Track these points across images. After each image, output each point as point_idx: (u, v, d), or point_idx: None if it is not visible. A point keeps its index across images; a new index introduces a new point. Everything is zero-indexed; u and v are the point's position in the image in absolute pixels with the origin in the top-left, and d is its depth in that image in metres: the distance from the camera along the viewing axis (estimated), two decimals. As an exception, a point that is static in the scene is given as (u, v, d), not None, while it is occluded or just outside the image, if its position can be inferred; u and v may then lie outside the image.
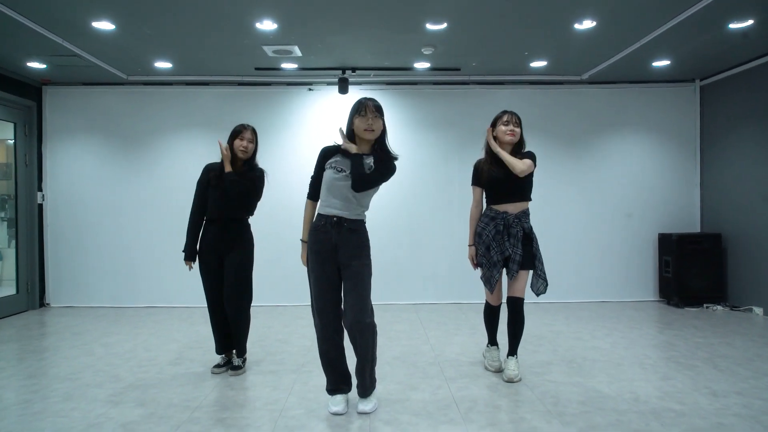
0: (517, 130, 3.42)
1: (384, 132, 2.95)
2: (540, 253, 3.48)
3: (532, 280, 3.48)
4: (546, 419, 2.82)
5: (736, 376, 3.50)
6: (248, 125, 3.68)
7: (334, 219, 2.85)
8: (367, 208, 2.97)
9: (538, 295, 3.48)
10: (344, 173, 2.85)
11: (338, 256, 2.86)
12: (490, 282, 3.47)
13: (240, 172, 3.59)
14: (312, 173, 3.05)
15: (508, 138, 3.41)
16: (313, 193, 3.03)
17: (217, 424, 2.80)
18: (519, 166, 3.34)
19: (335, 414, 2.89)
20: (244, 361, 3.71)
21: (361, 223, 2.92)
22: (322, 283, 2.89)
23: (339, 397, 2.96)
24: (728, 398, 3.10)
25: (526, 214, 3.46)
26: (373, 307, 2.93)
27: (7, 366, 3.89)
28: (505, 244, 3.39)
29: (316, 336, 2.98)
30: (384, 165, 2.88)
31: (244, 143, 3.58)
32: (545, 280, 3.47)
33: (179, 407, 3.03)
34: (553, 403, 3.05)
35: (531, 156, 3.46)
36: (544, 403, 3.05)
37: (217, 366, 3.68)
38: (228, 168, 3.54)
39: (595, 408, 2.97)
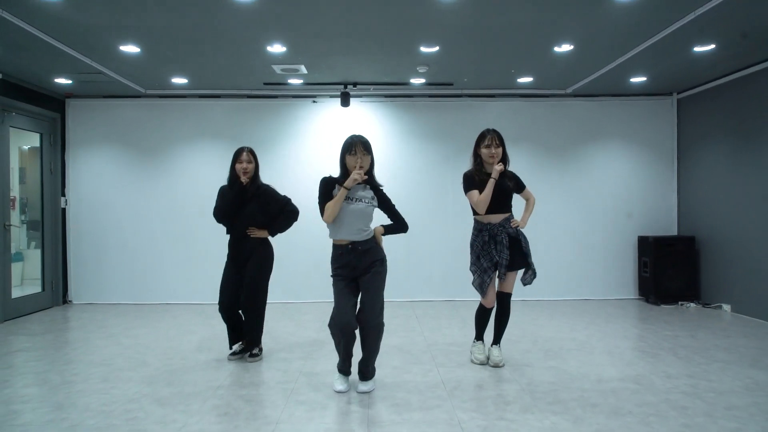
0: (499, 150, 3.79)
1: (372, 165, 3.39)
2: (529, 250, 3.87)
3: (522, 274, 3.87)
4: (519, 395, 3.29)
5: (690, 362, 3.98)
6: (245, 147, 4.07)
7: (349, 246, 3.28)
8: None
9: (525, 284, 3.88)
10: (359, 202, 3.29)
11: (357, 271, 3.30)
12: (482, 287, 3.85)
13: (249, 191, 4.00)
14: (319, 201, 3.38)
15: (490, 161, 3.80)
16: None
17: (238, 399, 3.27)
18: (533, 202, 4.03)
19: (339, 392, 3.36)
20: (260, 350, 4.18)
21: (371, 241, 3.34)
22: (345, 294, 3.29)
23: (344, 378, 3.43)
24: (679, 380, 3.57)
25: (508, 220, 3.87)
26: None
27: (46, 354, 4.36)
28: (492, 252, 3.80)
29: (337, 330, 3.31)
30: (401, 223, 3.48)
31: (243, 165, 3.99)
32: (534, 271, 3.86)
33: (204, 386, 3.51)
34: (528, 382, 3.53)
35: (521, 182, 3.98)
36: (520, 382, 3.53)
37: (233, 353, 4.15)
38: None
39: (563, 387, 3.44)
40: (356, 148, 3.30)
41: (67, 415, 3.05)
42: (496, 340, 3.98)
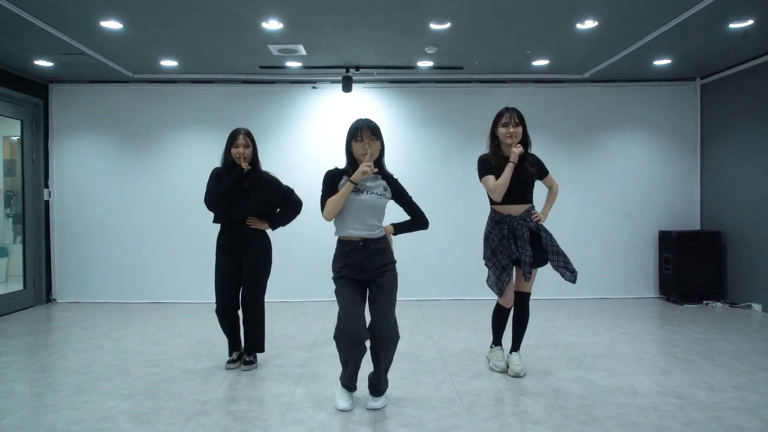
0: (518, 130, 3.37)
1: (382, 152, 2.96)
2: (554, 245, 3.43)
3: (559, 273, 3.44)
4: (548, 412, 2.89)
5: (732, 370, 3.57)
6: (241, 129, 3.65)
7: (360, 243, 2.85)
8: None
9: (574, 282, 3.45)
10: (370, 193, 2.87)
11: (365, 273, 2.85)
12: (498, 286, 3.44)
13: (249, 176, 3.59)
14: (321, 196, 2.94)
15: (508, 141, 3.38)
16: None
17: (226, 417, 2.87)
18: (556, 191, 3.65)
19: (342, 410, 2.95)
20: (255, 357, 3.76)
21: (384, 240, 2.93)
22: (354, 298, 2.86)
23: (348, 394, 3.01)
24: (725, 392, 3.17)
25: (529, 212, 3.47)
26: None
27: (19, 360, 3.96)
28: (512, 248, 3.38)
29: (346, 343, 2.86)
30: (419, 218, 3.09)
31: (240, 149, 3.56)
32: (569, 270, 3.42)
33: (189, 400, 3.11)
34: (555, 396, 3.12)
35: (544, 167, 3.58)
36: (546, 396, 3.13)
37: (231, 361, 3.73)
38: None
39: (595, 402, 3.04)
40: (363, 133, 2.86)
41: (30, 435, 2.65)
42: (515, 347, 3.58)
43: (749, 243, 5.66)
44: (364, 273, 2.86)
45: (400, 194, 3.03)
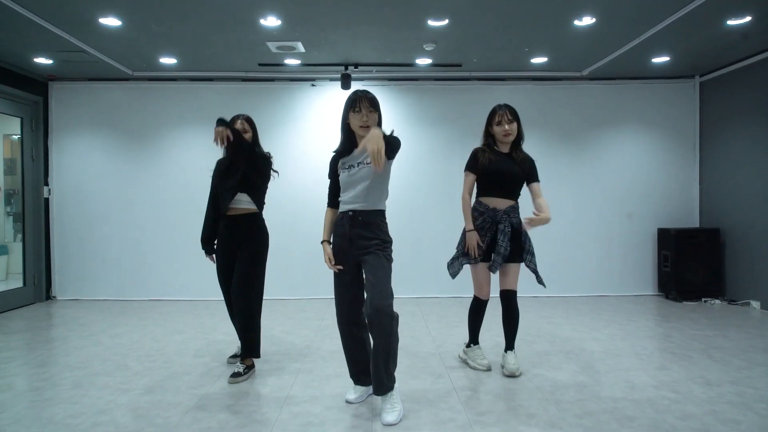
0: (513, 126, 3.38)
1: (379, 124, 2.91)
2: (530, 247, 3.47)
3: (533, 272, 3.47)
4: (543, 406, 2.90)
5: (729, 366, 3.58)
6: (240, 114, 3.69)
7: (350, 213, 2.84)
8: (385, 196, 2.91)
9: (545, 286, 3.50)
10: (354, 168, 2.85)
11: (353, 248, 2.83)
12: (454, 268, 3.57)
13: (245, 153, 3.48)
14: (329, 183, 3.03)
15: (505, 139, 3.40)
16: (332, 201, 3.01)
17: (223, 411, 2.88)
18: (547, 214, 3.20)
19: (347, 401, 2.97)
20: (247, 369, 3.44)
21: (377, 214, 2.86)
22: (341, 276, 2.88)
23: (354, 387, 3.02)
24: (721, 387, 3.17)
25: (514, 209, 3.45)
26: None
27: (19, 355, 3.98)
28: (485, 238, 3.41)
29: (339, 326, 2.96)
30: (391, 144, 2.79)
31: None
32: (539, 275, 3.48)
33: (186, 394, 3.12)
34: (551, 391, 3.13)
35: (533, 173, 3.45)
36: (542, 391, 3.13)
37: (233, 356, 3.74)
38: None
39: (591, 396, 3.05)
40: (361, 104, 2.83)
41: (26, 429, 2.66)
42: (509, 346, 3.51)
43: (748, 240, 5.66)
44: (353, 245, 2.84)
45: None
